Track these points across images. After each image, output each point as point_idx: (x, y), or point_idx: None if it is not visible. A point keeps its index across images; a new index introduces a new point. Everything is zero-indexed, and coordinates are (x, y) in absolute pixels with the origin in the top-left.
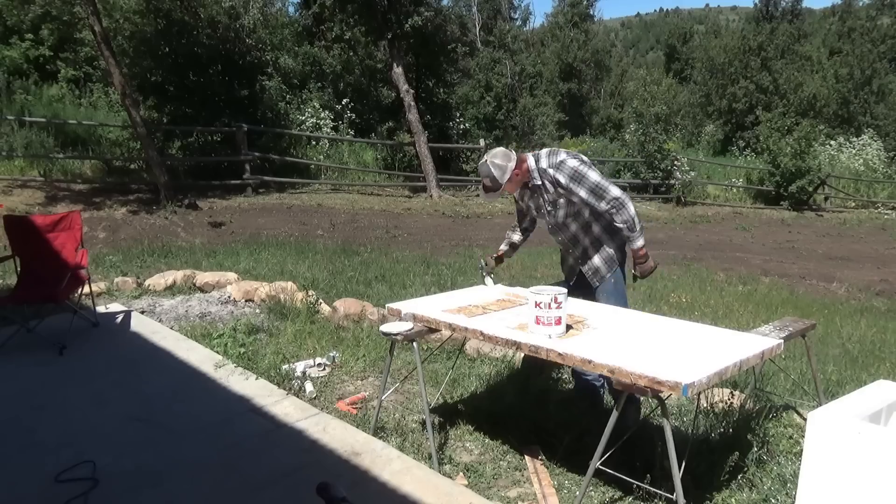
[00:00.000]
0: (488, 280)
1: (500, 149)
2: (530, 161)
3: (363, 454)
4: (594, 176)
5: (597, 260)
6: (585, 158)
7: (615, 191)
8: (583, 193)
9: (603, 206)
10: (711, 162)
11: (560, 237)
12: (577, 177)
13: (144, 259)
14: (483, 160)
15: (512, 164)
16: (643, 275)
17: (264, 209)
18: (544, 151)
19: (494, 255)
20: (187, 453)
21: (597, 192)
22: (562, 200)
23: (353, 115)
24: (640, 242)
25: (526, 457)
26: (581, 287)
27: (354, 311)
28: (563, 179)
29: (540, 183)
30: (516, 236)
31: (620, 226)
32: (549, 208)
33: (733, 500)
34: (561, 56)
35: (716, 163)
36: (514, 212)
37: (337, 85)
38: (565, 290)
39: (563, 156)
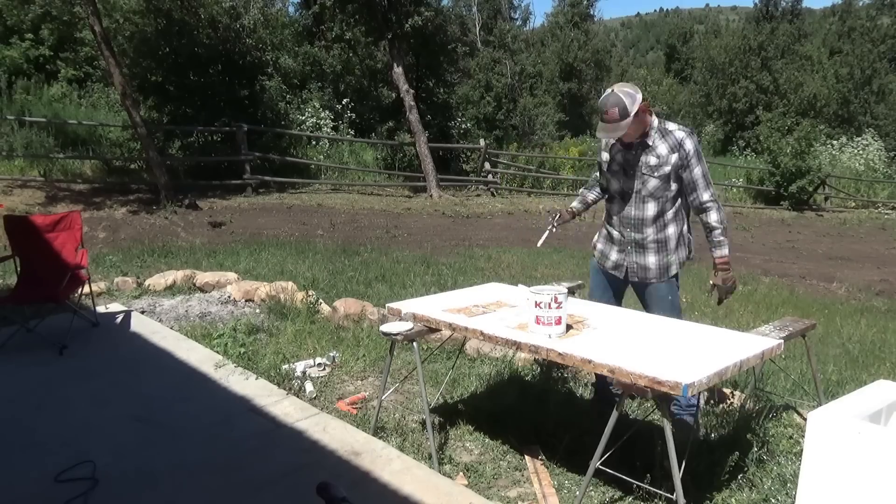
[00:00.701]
0: (548, 232)
1: (625, 83)
2: (653, 118)
3: (363, 454)
4: (705, 165)
5: (651, 259)
6: None
7: (713, 188)
8: (697, 172)
9: (706, 195)
10: (711, 162)
11: (628, 212)
12: (699, 154)
13: (144, 259)
14: (608, 92)
15: (640, 97)
16: (725, 286)
17: (264, 209)
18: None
19: (568, 210)
20: (187, 453)
21: (707, 178)
22: (667, 168)
23: (353, 115)
24: (728, 250)
25: (526, 457)
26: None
27: (354, 311)
28: (690, 146)
29: (652, 143)
30: (591, 195)
31: (715, 224)
32: (644, 171)
33: (733, 500)
34: (561, 56)
35: (716, 163)
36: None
37: (337, 85)
38: (565, 290)
39: (689, 129)
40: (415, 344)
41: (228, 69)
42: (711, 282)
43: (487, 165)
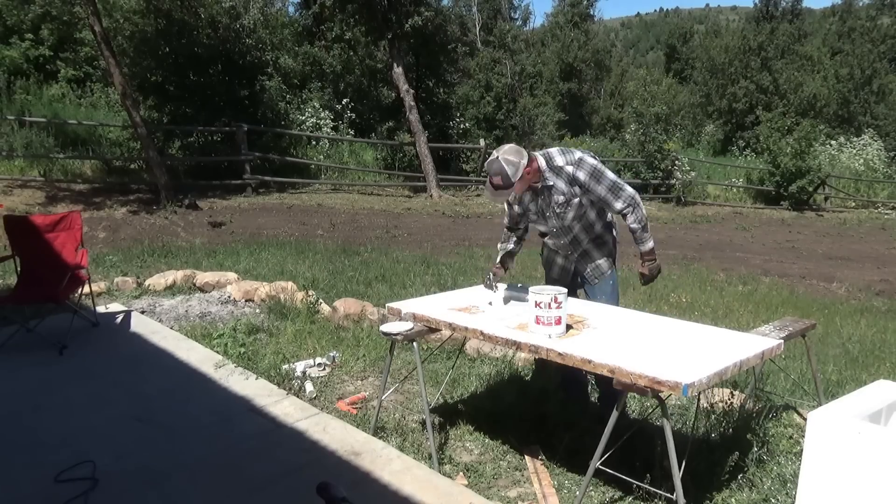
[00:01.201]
0: (499, 290)
1: (511, 145)
2: (540, 161)
3: (363, 454)
4: (611, 174)
5: (600, 260)
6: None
7: (630, 189)
8: (601, 191)
9: (619, 205)
10: (711, 162)
11: (561, 240)
12: (596, 174)
13: (144, 259)
14: (493, 157)
15: (524, 162)
16: (651, 274)
17: (264, 209)
18: (555, 150)
19: (496, 269)
20: (187, 453)
21: (614, 190)
22: (576, 200)
23: (353, 115)
24: (651, 243)
25: (526, 457)
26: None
27: (354, 311)
28: (582, 177)
29: (552, 183)
30: (511, 245)
31: (634, 226)
32: (558, 210)
33: (733, 500)
34: (561, 56)
35: (716, 163)
36: None
37: (337, 85)
38: (565, 290)
39: (579, 153)
40: (415, 344)
41: (228, 69)
42: (639, 270)
43: None
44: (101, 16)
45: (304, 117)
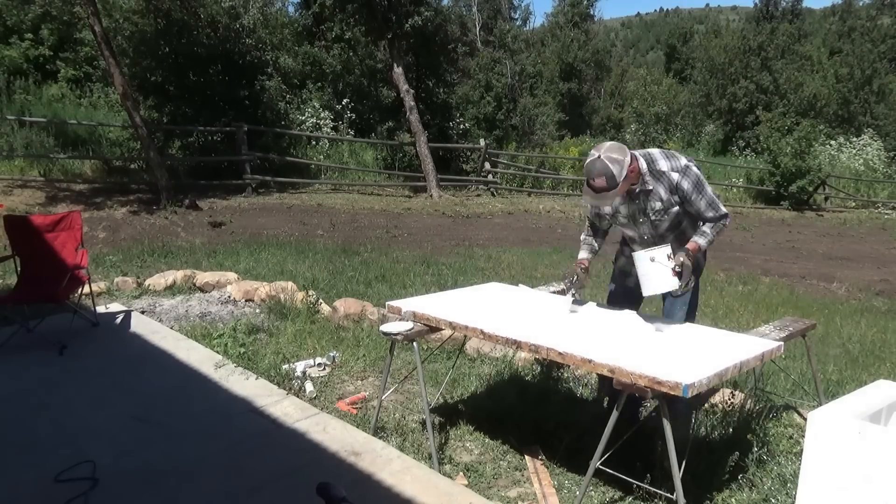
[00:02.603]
0: (573, 296)
1: (613, 143)
2: (641, 162)
3: (363, 454)
4: (709, 188)
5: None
6: None
7: (724, 210)
8: (702, 205)
9: (710, 215)
10: (711, 162)
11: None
12: (699, 186)
13: (144, 259)
14: (593, 156)
15: (628, 160)
16: (684, 271)
17: (264, 209)
18: (657, 152)
19: (582, 267)
20: (187, 453)
21: (713, 206)
22: (674, 210)
23: (353, 115)
24: (704, 241)
25: (526, 457)
26: (630, 300)
27: (354, 311)
28: (687, 186)
29: (651, 188)
30: (597, 243)
31: (708, 230)
32: (653, 217)
33: (733, 500)
34: (561, 56)
35: (716, 163)
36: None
37: (337, 85)
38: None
39: (685, 160)
40: (415, 344)
41: (228, 69)
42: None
43: (487, 165)
44: (101, 16)
45: (304, 117)
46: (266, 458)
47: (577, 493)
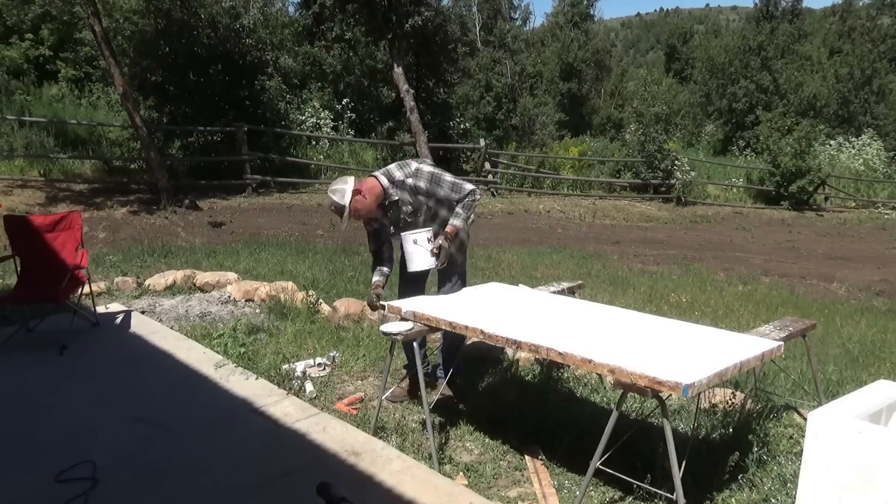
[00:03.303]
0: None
1: (340, 178)
2: (382, 180)
3: (363, 454)
4: (448, 176)
5: (453, 249)
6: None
7: (469, 186)
8: (445, 192)
9: (458, 198)
10: (711, 162)
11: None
12: (435, 179)
13: (144, 259)
14: (329, 191)
15: (349, 186)
16: (441, 252)
17: (264, 209)
18: (393, 166)
19: (380, 287)
20: (187, 453)
21: (455, 189)
22: (423, 207)
23: (353, 115)
24: (459, 222)
25: (526, 457)
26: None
27: (354, 311)
28: (422, 185)
29: (397, 197)
30: (385, 268)
31: (460, 211)
32: (409, 219)
33: (733, 500)
34: (561, 56)
35: (716, 163)
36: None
37: (337, 85)
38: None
39: (415, 164)
40: (415, 344)
41: (228, 69)
42: (439, 242)
43: (487, 165)
44: (101, 16)
45: (304, 117)
46: (266, 457)
47: (577, 493)
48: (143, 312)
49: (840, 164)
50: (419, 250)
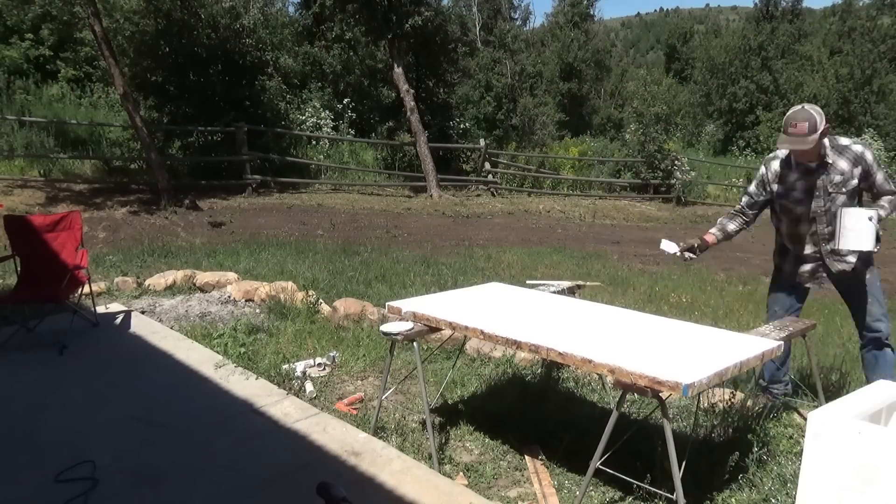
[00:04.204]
0: (677, 252)
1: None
2: (824, 140)
3: (363, 454)
4: (884, 168)
5: (851, 257)
6: None
7: None
8: (881, 176)
9: (888, 190)
10: (712, 162)
11: (821, 230)
12: (878, 160)
13: (144, 259)
14: (799, 107)
15: (824, 119)
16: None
17: (264, 209)
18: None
19: (701, 238)
20: (187, 453)
21: (888, 179)
22: (853, 182)
23: (354, 115)
24: (884, 213)
25: (526, 457)
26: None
27: (354, 311)
28: (870, 157)
29: (832, 161)
30: (733, 225)
31: (886, 205)
32: (831, 189)
33: (733, 500)
34: (561, 56)
35: (716, 163)
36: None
37: (337, 85)
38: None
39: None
40: (415, 344)
41: (228, 69)
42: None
43: (487, 165)
44: (101, 16)
45: (304, 117)
46: (266, 458)
47: (577, 493)
48: (143, 312)
49: None
50: (869, 228)
